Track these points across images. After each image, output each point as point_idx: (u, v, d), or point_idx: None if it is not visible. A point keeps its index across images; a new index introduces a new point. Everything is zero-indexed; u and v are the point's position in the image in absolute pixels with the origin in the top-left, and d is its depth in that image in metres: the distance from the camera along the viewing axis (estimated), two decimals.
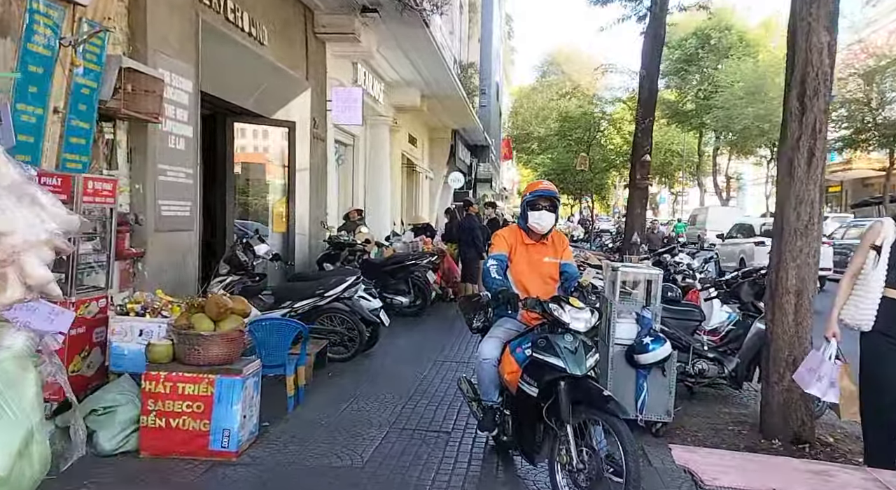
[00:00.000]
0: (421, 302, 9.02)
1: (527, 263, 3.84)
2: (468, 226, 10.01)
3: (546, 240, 3.88)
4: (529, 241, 3.87)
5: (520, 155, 44.42)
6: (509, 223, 21.34)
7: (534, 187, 3.93)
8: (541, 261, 3.86)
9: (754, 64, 27.40)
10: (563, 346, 3.22)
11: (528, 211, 3.78)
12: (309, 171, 9.69)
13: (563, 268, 3.91)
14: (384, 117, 14.55)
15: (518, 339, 3.59)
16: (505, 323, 3.80)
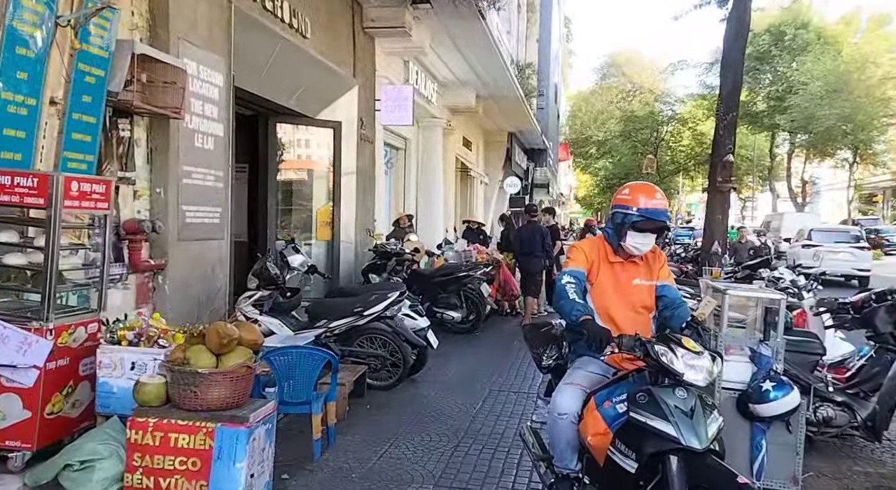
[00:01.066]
0: (474, 317, 8.18)
1: (613, 286, 2.95)
2: (528, 234, 9.09)
3: (637, 257, 2.99)
4: (617, 259, 2.99)
5: (578, 160, 43.07)
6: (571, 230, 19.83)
7: (645, 198, 2.88)
8: (630, 283, 2.98)
9: (835, 61, 25.37)
10: (672, 404, 2.32)
11: (629, 230, 2.87)
12: (355, 175, 9.01)
13: (660, 292, 3.00)
14: (437, 119, 13.81)
15: (606, 390, 2.70)
16: (587, 364, 2.93)
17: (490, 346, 7.56)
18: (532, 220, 9.34)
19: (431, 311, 8.06)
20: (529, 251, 8.96)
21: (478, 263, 8.51)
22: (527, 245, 8.97)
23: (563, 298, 2.77)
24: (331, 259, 8.73)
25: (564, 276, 2.86)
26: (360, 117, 9.14)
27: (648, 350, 2.41)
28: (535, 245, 8.94)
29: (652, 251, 3.03)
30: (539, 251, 9.11)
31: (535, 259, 8.98)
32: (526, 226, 9.19)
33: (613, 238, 2.97)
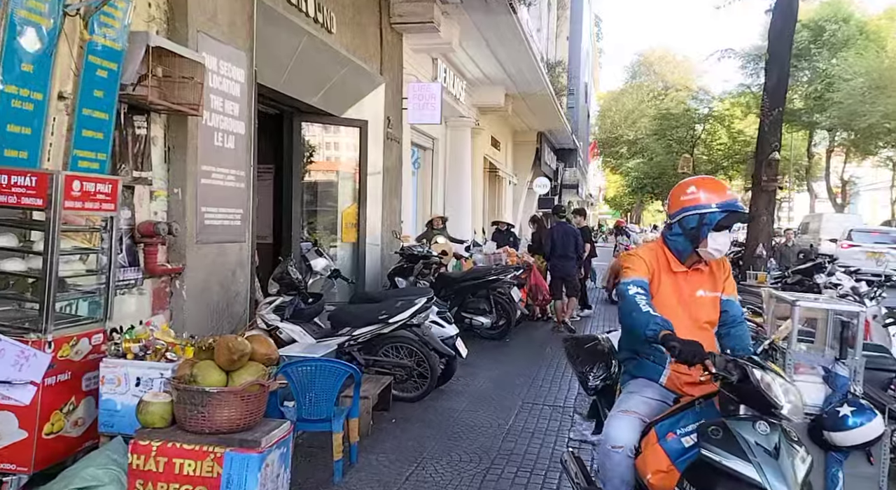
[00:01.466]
0: (504, 323, 7.83)
1: (676, 299, 2.58)
2: (561, 235, 8.71)
3: (702, 264, 2.62)
4: (680, 268, 2.61)
5: (608, 160, 42.35)
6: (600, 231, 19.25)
7: (720, 192, 2.51)
8: (693, 295, 2.60)
9: (878, 56, 24.36)
10: (753, 441, 1.96)
11: (710, 231, 2.47)
12: (382, 176, 8.73)
13: (724, 307, 2.62)
14: (466, 118, 13.49)
15: (669, 420, 2.34)
16: (643, 388, 2.56)
17: (521, 354, 7.20)
18: (564, 221, 8.95)
19: (460, 317, 7.74)
20: (563, 253, 8.60)
21: (508, 267, 8.16)
22: (560, 247, 8.59)
23: (635, 310, 2.39)
24: (356, 261, 8.47)
25: (631, 287, 2.48)
26: (387, 116, 8.86)
27: (747, 374, 2.02)
28: (568, 247, 8.59)
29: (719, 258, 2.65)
30: (572, 253, 8.77)
31: (569, 261, 8.63)
32: (558, 227, 8.81)
33: (684, 244, 2.57)
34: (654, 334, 2.27)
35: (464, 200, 13.83)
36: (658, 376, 2.55)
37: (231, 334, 3.20)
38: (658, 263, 2.60)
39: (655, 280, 2.57)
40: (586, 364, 2.88)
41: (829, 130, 27.26)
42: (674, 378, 2.54)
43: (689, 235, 2.54)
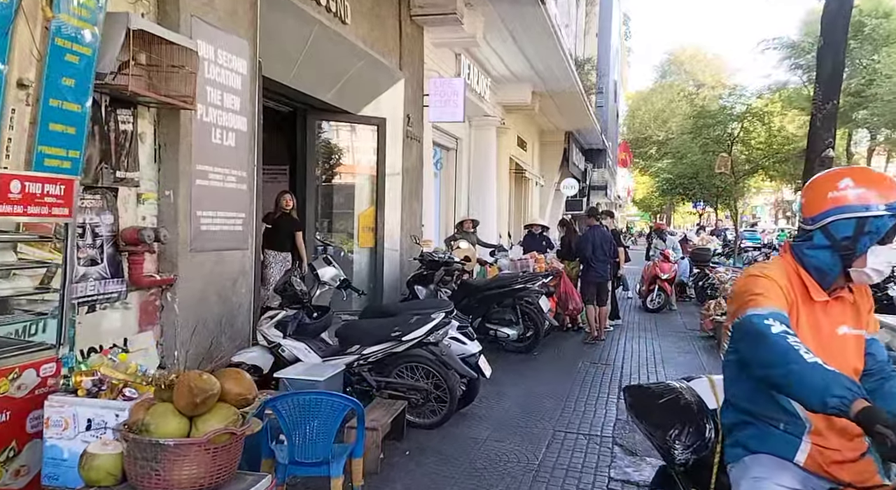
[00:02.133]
0: (532, 335, 7.22)
1: (815, 337, 1.82)
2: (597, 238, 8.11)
3: (845, 291, 1.89)
4: (821, 297, 1.85)
5: (636, 160, 41.31)
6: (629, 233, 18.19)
7: (882, 188, 1.77)
8: (834, 333, 1.86)
9: None
10: None
11: (873, 244, 1.77)
12: (401, 177, 8.20)
13: (869, 348, 1.90)
14: (491, 118, 12.91)
15: None
16: (775, 472, 1.76)
17: (551, 370, 6.58)
18: (597, 224, 8.31)
19: (484, 328, 7.16)
20: (603, 258, 8.02)
21: (536, 274, 7.55)
22: (598, 251, 8.00)
23: (792, 360, 1.58)
24: (374, 268, 7.94)
25: (771, 322, 1.67)
26: (407, 114, 8.33)
27: None
28: (604, 251, 7.99)
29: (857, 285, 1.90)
30: (607, 258, 8.15)
31: (605, 266, 8.05)
32: (594, 230, 8.17)
33: (832, 262, 1.82)
34: (842, 405, 1.48)
35: (489, 203, 13.25)
36: (793, 452, 1.77)
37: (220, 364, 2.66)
38: (794, 289, 1.84)
39: (794, 312, 1.81)
40: (666, 426, 2.06)
41: (868, 129, 25.97)
42: (816, 455, 1.76)
43: (839, 249, 1.81)
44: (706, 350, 7.89)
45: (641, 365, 6.97)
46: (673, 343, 8.33)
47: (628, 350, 7.75)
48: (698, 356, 7.54)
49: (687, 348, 7.98)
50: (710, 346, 8.13)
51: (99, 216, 3.80)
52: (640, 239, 34.64)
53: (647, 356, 7.45)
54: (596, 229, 8.17)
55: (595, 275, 8.14)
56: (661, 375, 6.48)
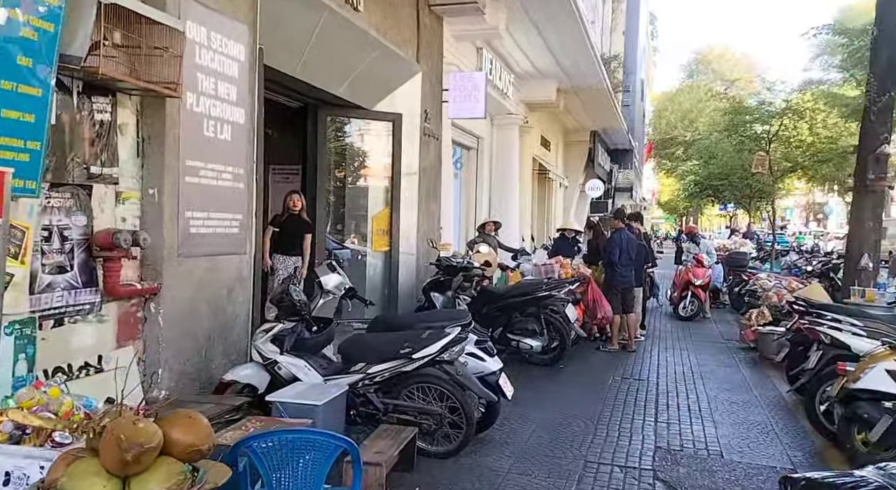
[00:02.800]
0: (557, 346, 6.64)
1: None
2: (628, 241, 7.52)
3: None
4: None
5: (662, 162, 40.33)
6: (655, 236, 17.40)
7: None
8: None
9: None
10: None
11: None
12: (418, 177, 7.70)
13: None
14: (514, 116, 12.36)
15: None
16: None
17: (579, 387, 6.01)
18: (624, 227, 7.70)
19: (506, 339, 6.62)
20: (628, 262, 7.44)
21: (562, 280, 6.97)
22: (625, 255, 7.42)
23: None
24: (388, 273, 7.44)
25: None
26: (425, 110, 7.83)
27: None
28: (632, 256, 7.41)
29: None
30: (635, 263, 7.55)
31: (630, 271, 7.51)
32: (622, 233, 7.57)
33: None
34: None
35: (511, 205, 12.69)
36: None
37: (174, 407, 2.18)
38: None
39: None
40: None
41: None
42: None
43: None
44: (748, 363, 7.24)
45: (678, 380, 6.36)
46: (711, 355, 7.69)
47: (661, 362, 7.13)
48: (740, 370, 6.89)
49: (727, 361, 7.33)
50: (752, 358, 7.47)
51: (69, 217, 3.35)
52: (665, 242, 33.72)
53: (683, 370, 6.83)
54: (622, 232, 7.57)
55: (621, 280, 7.54)
56: (703, 394, 5.86)
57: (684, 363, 7.14)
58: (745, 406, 5.46)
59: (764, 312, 7.65)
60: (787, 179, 17.31)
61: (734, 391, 5.95)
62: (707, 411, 5.30)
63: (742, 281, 10.60)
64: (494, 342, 6.62)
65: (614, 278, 7.49)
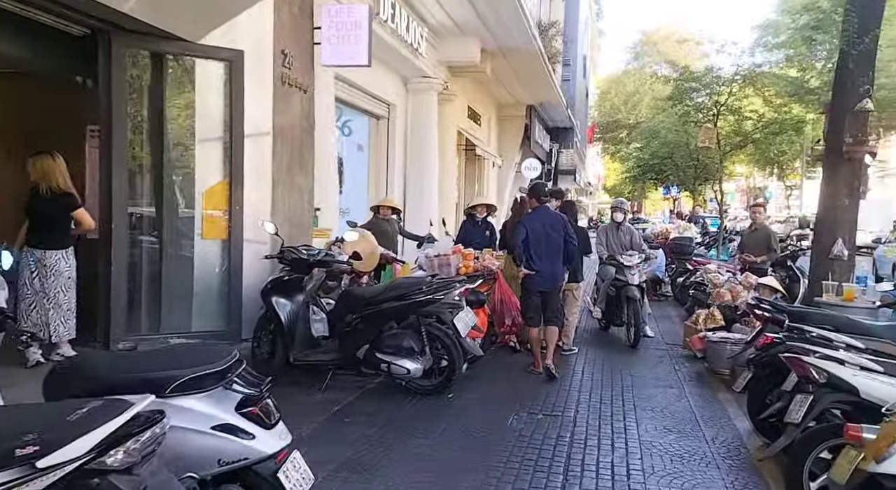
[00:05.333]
0: (447, 369, 4.75)
1: None
2: (539, 224, 5.57)
3: None
4: None
5: (607, 146, 39.11)
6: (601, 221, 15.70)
7: None
8: None
9: None
10: None
11: None
12: (272, 139, 5.69)
13: None
14: (431, 80, 10.40)
15: None
16: None
17: (467, 435, 4.13)
18: (541, 205, 5.76)
19: (374, 359, 4.69)
20: (549, 253, 5.49)
21: (450, 280, 5.00)
22: (541, 244, 5.47)
23: None
24: (225, 271, 5.41)
25: None
26: (282, 49, 5.78)
27: None
28: (549, 245, 5.49)
29: None
30: (556, 255, 5.63)
31: (554, 266, 5.52)
32: (535, 215, 5.66)
33: None
34: None
35: (429, 184, 10.77)
36: None
37: None
38: None
39: None
40: None
41: None
42: None
43: None
44: (694, 381, 5.53)
45: (604, 414, 4.57)
46: (649, 368, 5.96)
47: (585, 386, 5.33)
48: (685, 393, 5.15)
49: (668, 378, 5.60)
50: (698, 372, 5.77)
51: None
52: None
53: (612, 395, 5.06)
54: (541, 213, 5.68)
55: (537, 280, 5.54)
56: (634, 439, 4.09)
57: (615, 385, 5.36)
58: (693, 462, 3.70)
59: (714, 315, 5.97)
60: (736, 157, 15.84)
61: (678, 433, 4.20)
62: (639, 476, 3.51)
63: (686, 270, 8.97)
64: (360, 365, 4.72)
65: (528, 277, 5.58)
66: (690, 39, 29.39)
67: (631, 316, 6.74)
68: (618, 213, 7.44)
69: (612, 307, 7.22)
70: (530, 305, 5.60)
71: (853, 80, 5.53)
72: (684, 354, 6.42)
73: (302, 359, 4.82)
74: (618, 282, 6.94)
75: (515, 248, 5.55)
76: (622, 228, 7.35)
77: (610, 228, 7.47)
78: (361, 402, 4.61)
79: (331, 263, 4.98)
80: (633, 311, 6.69)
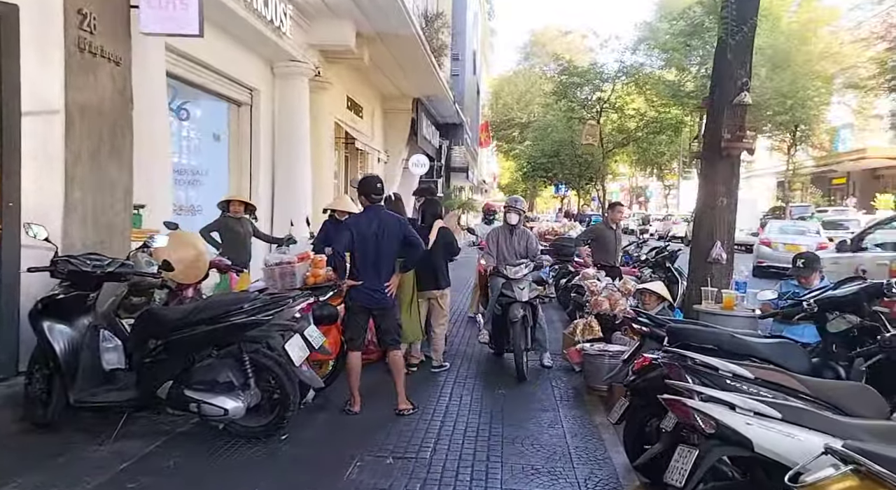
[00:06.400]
0: (277, 405, 3.82)
1: None
2: (362, 227, 4.52)
3: None
4: None
5: (500, 144, 39.35)
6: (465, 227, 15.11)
7: None
8: None
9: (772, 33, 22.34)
10: None
11: None
12: (64, 118, 4.49)
13: None
14: (300, 64, 9.35)
15: None
16: None
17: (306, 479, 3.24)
18: (376, 205, 4.58)
19: (181, 398, 3.68)
20: (376, 261, 4.40)
21: (284, 295, 4.06)
22: (367, 250, 4.39)
23: None
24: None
25: None
26: (79, 8, 4.58)
27: None
28: (384, 248, 4.51)
29: None
30: (390, 261, 4.53)
31: (376, 280, 4.40)
32: (365, 214, 4.55)
33: None
34: None
35: (301, 179, 9.72)
36: None
37: None
38: None
39: None
40: None
41: None
42: None
43: None
44: (571, 402, 4.93)
45: (465, 455, 3.82)
46: (524, 385, 5.33)
47: (450, 414, 4.56)
48: (559, 418, 4.48)
49: (543, 399, 4.96)
50: (576, 389, 5.21)
51: None
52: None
53: (478, 425, 4.35)
54: (370, 214, 4.50)
55: (363, 294, 4.39)
56: (496, 483, 3.37)
57: (484, 410, 4.66)
58: None
59: (592, 325, 5.45)
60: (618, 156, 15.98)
61: (548, 475, 3.53)
62: None
63: (569, 272, 8.55)
64: (164, 404, 3.69)
65: (352, 292, 4.43)
66: (575, 31, 29.93)
67: (517, 341, 5.38)
68: (512, 214, 5.94)
69: (499, 329, 5.90)
70: (352, 325, 4.45)
71: (731, 72, 5.19)
72: (563, 366, 5.86)
73: (87, 399, 3.71)
74: (503, 298, 5.61)
75: (334, 256, 4.44)
76: (516, 233, 5.92)
77: (501, 233, 6.01)
78: (162, 453, 3.58)
79: (128, 276, 3.90)
80: (518, 335, 5.41)
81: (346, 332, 4.51)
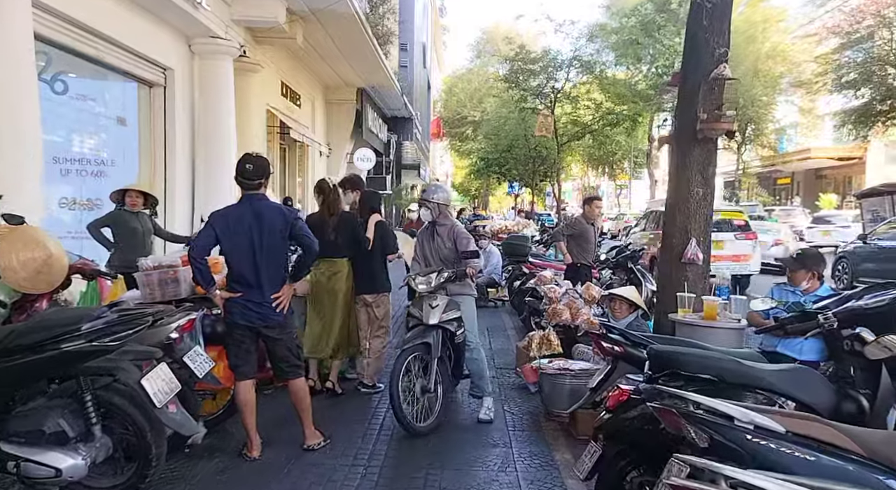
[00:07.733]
0: (139, 463, 2.82)
1: None
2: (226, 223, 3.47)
3: None
4: None
5: (454, 142, 38.55)
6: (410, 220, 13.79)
7: None
8: None
9: None
10: None
11: None
12: None
13: None
14: (223, 43, 8.25)
15: None
16: None
17: None
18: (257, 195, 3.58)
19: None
20: (250, 269, 3.44)
21: (140, 311, 2.95)
22: (243, 259, 3.44)
23: None
24: None
25: None
26: None
27: None
28: (264, 251, 3.44)
29: None
30: (276, 265, 3.53)
31: (261, 289, 3.43)
32: (233, 207, 3.62)
33: None
34: None
35: (227, 169, 8.56)
36: None
37: None
38: None
39: None
40: None
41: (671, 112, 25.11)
42: None
43: None
44: (527, 429, 4.09)
45: None
46: (471, 411, 4.45)
47: (377, 452, 3.66)
48: (511, 452, 3.68)
49: (495, 433, 4.08)
50: (532, 414, 4.37)
51: None
52: None
53: (410, 469, 3.45)
54: (243, 207, 3.54)
55: (240, 310, 3.43)
56: None
57: (419, 446, 3.75)
58: None
59: (550, 339, 4.62)
60: (572, 151, 15.39)
61: None
62: None
63: (522, 274, 7.75)
64: None
65: (227, 305, 3.45)
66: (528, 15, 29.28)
67: (396, 381, 3.83)
68: (424, 209, 4.57)
69: None
70: (234, 349, 3.47)
71: (707, 41, 4.45)
72: (517, 384, 5.02)
73: None
74: (411, 318, 4.31)
75: (192, 258, 3.38)
76: (439, 231, 4.50)
77: (424, 234, 4.68)
78: None
79: None
80: (424, 372, 4.04)
81: (230, 359, 3.49)
